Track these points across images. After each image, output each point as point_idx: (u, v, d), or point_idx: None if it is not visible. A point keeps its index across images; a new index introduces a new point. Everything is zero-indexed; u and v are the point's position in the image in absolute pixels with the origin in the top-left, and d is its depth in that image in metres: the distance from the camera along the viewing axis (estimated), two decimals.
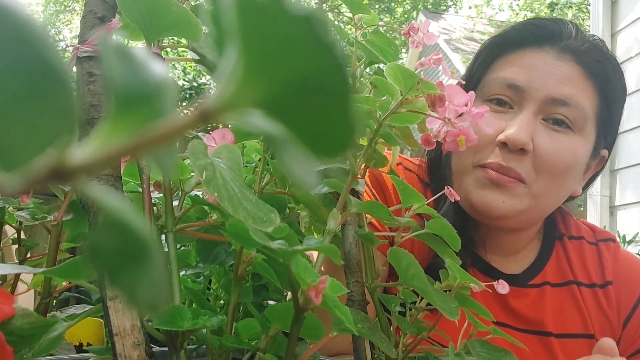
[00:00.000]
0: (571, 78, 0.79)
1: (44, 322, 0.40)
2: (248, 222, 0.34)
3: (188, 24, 0.46)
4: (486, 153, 0.79)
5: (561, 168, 0.79)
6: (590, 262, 0.91)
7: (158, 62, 0.14)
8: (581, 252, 0.92)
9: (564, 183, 0.81)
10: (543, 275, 0.89)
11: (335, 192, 0.54)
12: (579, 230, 0.95)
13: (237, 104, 0.12)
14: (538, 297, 0.88)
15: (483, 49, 0.87)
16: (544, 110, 0.79)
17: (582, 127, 0.80)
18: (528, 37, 0.82)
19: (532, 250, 0.92)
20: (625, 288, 0.89)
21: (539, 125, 0.78)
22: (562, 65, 0.80)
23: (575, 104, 0.78)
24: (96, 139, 0.12)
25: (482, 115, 0.49)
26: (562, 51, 0.80)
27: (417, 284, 0.48)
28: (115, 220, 0.12)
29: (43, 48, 0.12)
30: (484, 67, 0.85)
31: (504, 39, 0.85)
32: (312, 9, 0.12)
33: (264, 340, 0.46)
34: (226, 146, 0.40)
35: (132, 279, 0.13)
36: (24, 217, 0.53)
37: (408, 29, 0.54)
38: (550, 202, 0.83)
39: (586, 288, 0.88)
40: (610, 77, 0.82)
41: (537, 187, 0.79)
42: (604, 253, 0.91)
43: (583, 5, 9.18)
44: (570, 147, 0.79)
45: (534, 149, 0.77)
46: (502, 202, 0.78)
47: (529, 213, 0.81)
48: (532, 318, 0.86)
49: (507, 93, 0.80)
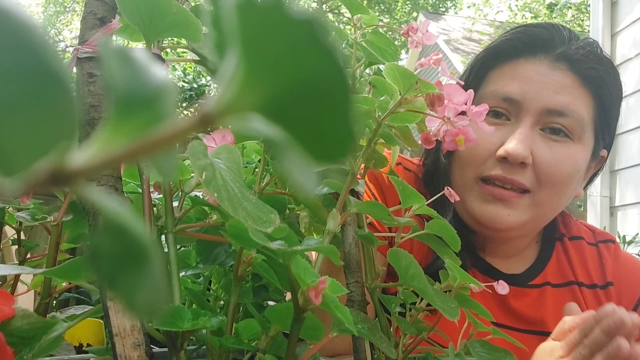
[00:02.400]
0: (566, 87, 0.79)
1: (44, 323, 0.40)
2: (248, 223, 0.34)
3: (188, 25, 0.46)
4: (488, 166, 0.79)
5: (562, 177, 0.79)
6: (591, 262, 0.91)
7: (158, 64, 0.14)
8: (581, 252, 0.92)
9: (566, 190, 0.82)
10: (544, 276, 0.89)
11: (335, 193, 0.54)
12: (578, 231, 0.95)
13: (238, 108, 0.12)
14: (538, 297, 0.88)
15: (476, 61, 0.86)
16: (541, 120, 0.79)
17: (580, 135, 0.80)
18: (520, 46, 0.82)
19: (532, 251, 0.92)
20: (626, 288, 0.89)
21: (537, 137, 0.79)
22: (556, 75, 0.80)
23: (571, 113, 0.79)
24: (96, 143, 0.12)
25: (482, 114, 0.49)
26: (557, 60, 0.80)
27: (417, 285, 0.48)
28: (115, 223, 0.12)
29: (43, 50, 0.12)
30: (478, 79, 0.84)
31: (497, 51, 0.84)
32: (312, 12, 0.12)
33: (264, 341, 0.47)
34: (226, 147, 0.40)
35: (131, 283, 0.13)
36: (24, 217, 0.53)
37: (407, 29, 0.54)
38: (553, 209, 0.84)
39: (587, 289, 0.89)
40: (605, 81, 0.82)
41: (540, 197, 0.79)
42: (604, 254, 0.92)
43: (583, 6, 9.17)
44: (570, 156, 0.79)
45: (534, 160, 0.78)
46: (507, 215, 0.79)
47: (533, 222, 0.82)
48: (533, 318, 0.86)
49: (503, 105, 0.80)
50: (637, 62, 3.11)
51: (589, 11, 4.36)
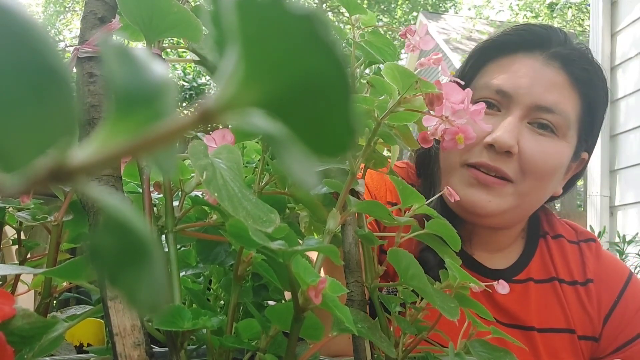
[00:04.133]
0: (557, 85, 0.82)
1: (45, 323, 0.40)
2: (248, 222, 0.34)
3: (188, 24, 0.46)
4: (474, 153, 0.81)
5: (546, 170, 0.82)
6: (572, 260, 0.93)
7: (158, 63, 0.14)
8: (563, 250, 0.94)
9: (548, 184, 0.85)
10: (527, 272, 0.92)
11: (335, 192, 0.54)
12: (561, 229, 0.97)
13: (238, 104, 0.12)
14: (522, 292, 0.90)
15: (475, 52, 0.90)
16: (530, 115, 0.82)
17: (565, 133, 0.83)
18: (519, 41, 0.85)
19: (517, 247, 0.94)
20: (606, 286, 0.91)
21: (524, 129, 0.81)
22: (549, 72, 0.83)
23: (559, 111, 0.82)
24: (96, 140, 0.12)
25: (480, 113, 0.49)
26: (551, 58, 0.84)
27: (416, 284, 0.48)
28: (116, 221, 0.13)
29: (43, 49, 0.12)
30: (475, 70, 0.88)
31: (496, 44, 0.87)
32: (312, 9, 0.12)
33: (264, 340, 0.47)
34: (226, 146, 0.40)
35: (133, 280, 0.13)
36: (24, 217, 0.53)
37: (405, 31, 0.54)
38: (533, 202, 0.87)
39: (567, 285, 0.91)
40: (595, 84, 0.86)
41: (522, 187, 0.82)
42: (586, 252, 0.94)
43: (583, 6, 9.18)
44: (554, 150, 0.82)
45: (520, 151, 0.80)
46: (488, 201, 0.81)
47: (514, 212, 0.84)
48: (517, 313, 0.88)
49: (496, 97, 0.83)
50: (637, 61, 3.11)
51: (589, 11, 4.36)
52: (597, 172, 3.29)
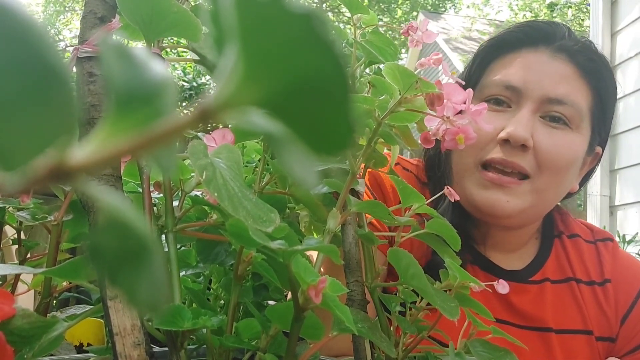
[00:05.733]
0: (566, 77, 0.82)
1: (44, 322, 0.40)
2: (248, 222, 0.34)
3: (188, 24, 0.46)
4: (488, 150, 0.80)
5: (562, 163, 0.81)
6: (589, 260, 0.92)
7: (158, 62, 0.14)
8: (579, 250, 0.93)
9: (564, 178, 0.84)
10: (543, 272, 0.90)
11: (335, 192, 0.54)
12: (576, 229, 0.96)
13: (237, 103, 0.12)
14: (539, 293, 0.89)
15: (480, 51, 0.89)
16: (541, 108, 0.81)
17: (578, 124, 0.82)
18: (523, 38, 0.85)
19: (532, 248, 0.93)
20: (623, 286, 0.90)
21: (537, 123, 0.81)
22: (557, 65, 0.82)
23: (570, 102, 0.81)
24: (96, 139, 0.12)
25: (481, 113, 0.49)
26: (557, 51, 0.83)
27: (417, 284, 0.48)
28: (115, 220, 0.13)
29: (43, 48, 0.12)
30: (482, 69, 0.87)
31: (500, 41, 0.87)
32: (312, 8, 0.12)
33: (264, 340, 0.47)
34: (226, 146, 0.40)
35: (133, 280, 0.13)
36: (24, 217, 0.53)
37: (407, 28, 0.54)
38: (551, 198, 0.85)
39: (585, 285, 0.90)
40: (603, 75, 0.85)
41: (539, 183, 0.81)
42: (602, 252, 0.93)
43: (583, 5, 9.18)
44: (569, 143, 0.81)
45: (534, 145, 0.79)
46: (506, 201, 0.80)
47: (532, 210, 0.83)
48: (533, 314, 0.87)
49: (505, 93, 0.82)
50: (637, 61, 3.11)
51: (589, 10, 4.36)
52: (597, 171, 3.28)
